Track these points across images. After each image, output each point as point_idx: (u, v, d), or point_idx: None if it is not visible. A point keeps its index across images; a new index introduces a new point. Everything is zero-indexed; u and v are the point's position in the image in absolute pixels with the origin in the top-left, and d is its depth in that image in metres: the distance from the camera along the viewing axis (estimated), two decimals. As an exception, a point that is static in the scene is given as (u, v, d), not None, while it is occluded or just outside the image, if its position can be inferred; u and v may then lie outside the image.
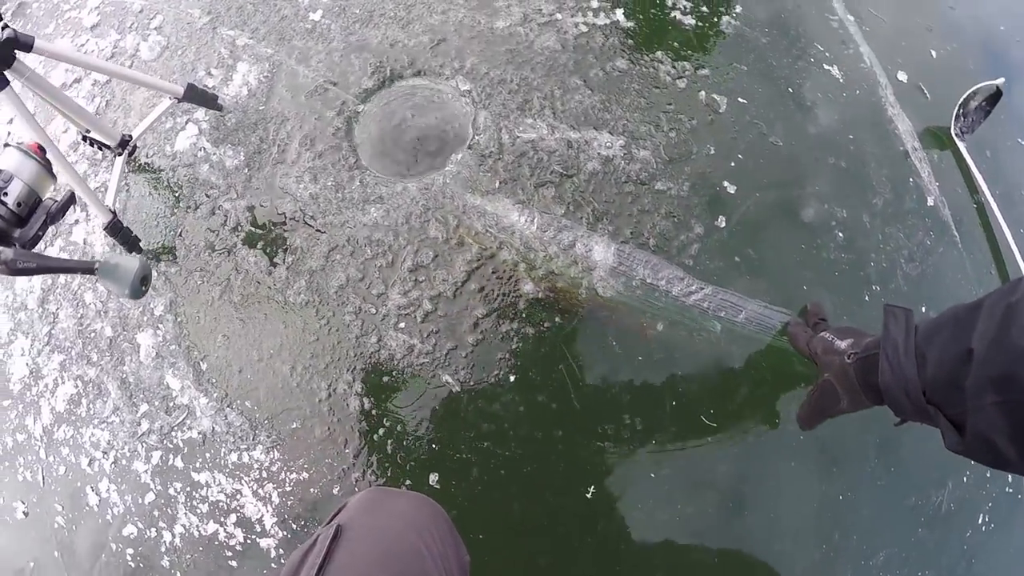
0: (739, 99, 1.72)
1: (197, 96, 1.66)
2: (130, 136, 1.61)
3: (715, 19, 1.84)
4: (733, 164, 1.64)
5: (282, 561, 1.43)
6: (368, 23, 1.87)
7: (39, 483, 1.62)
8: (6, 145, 0.59)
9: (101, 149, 1.75)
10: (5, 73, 1.24)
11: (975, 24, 2.03)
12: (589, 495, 1.39)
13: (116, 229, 1.56)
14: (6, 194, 0.57)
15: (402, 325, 1.51)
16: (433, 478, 1.42)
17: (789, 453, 1.44)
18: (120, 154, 1.60)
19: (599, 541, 1.39)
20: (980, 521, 1.52)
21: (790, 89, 1.76)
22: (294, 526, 1.45)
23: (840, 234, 1.60)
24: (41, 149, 0.64)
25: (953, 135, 1.76)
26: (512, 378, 1.46)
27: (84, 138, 1.71)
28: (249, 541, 1.46)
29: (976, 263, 1.68)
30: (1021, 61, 2.03)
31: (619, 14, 1.83)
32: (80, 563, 1.56)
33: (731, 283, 1.52)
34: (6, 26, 1.20)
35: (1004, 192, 1.75)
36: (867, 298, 1.57)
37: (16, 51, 1.24)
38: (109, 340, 1.64)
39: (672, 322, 1.49)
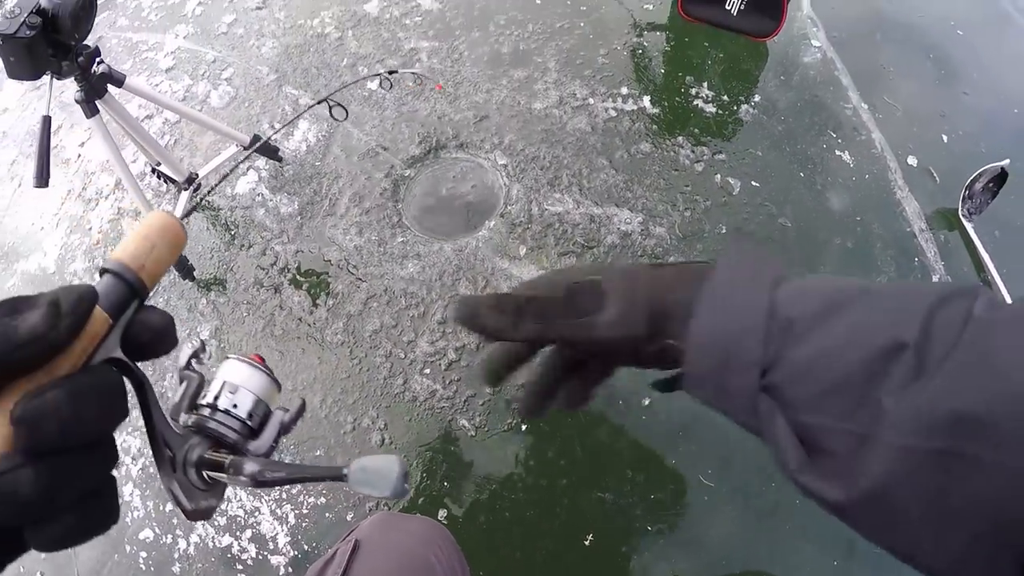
0: (752, 182, 1.90)
1: (261, 146, 1.90)
2: (196, 174, 1.85)
3: (734, 107, 2.04)
4: (743, 242, 1.81)
5: (289, 580, 1.56)
6: (419, 96, 2.12)
7: None
8: (227, 358, 0.61)
9: (166, 183, 2.00)
10: (96, 103, 1.49)
11: (989, 109, 2.17)
12: (587, 543, 1.49)
13: None
14: (235, 406, 0.57)
15: (427, 371, 1.68)
16: (442, 514, 1.55)
17: (785, 518, 1.51)
18: (186, 189, 1.83)
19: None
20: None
21: (802, 174, 1.93)
22: (306, 547, 1.57)
23: None
24: (261, 359, 0.69)
25: (960, 216, 1.89)
26: (524, 427, 1.60)
27: (152, 170, 1.95)
28: (261, 557, 1.58)
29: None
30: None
31: (646, 101, 2.05)
32: (90, 561, 1.67)
33: (735, 352, 1.66)
34: (102, 61, 1.45)
35: (1012, 270, 1.83)
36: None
37: (109, 84, 1.49)
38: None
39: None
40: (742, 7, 2.08)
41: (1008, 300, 1.69)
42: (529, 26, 2.26)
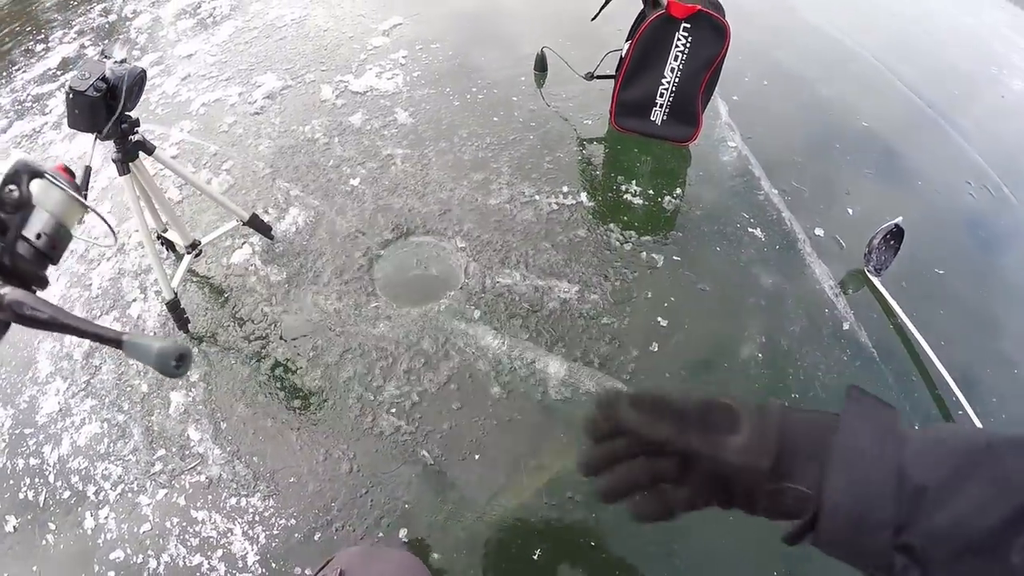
0: (674, 257, 2.36)
1: (257, 224, 2.36)
2: (199, 241, 2.25)
3: (659, 199, 2.55)
4: (666, 304, 2.23)
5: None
6: (393, 192, 2.63)
7: (39, 503, 1.99)
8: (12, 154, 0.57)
9: (168, 249, 2.41)
10: (129, 164, 1.88)
11: (891, 184, 2.68)
12: (536, 557, 1.76)
13: (174, 306, 2.16)
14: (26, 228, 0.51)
15: (393, 411, 2.03)
16: (403, 532, 1.83)
17: (723, 539, 1.77)
18: (189, 253, 2.22)
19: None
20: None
21: (718, 248, 2.39)
22: (273, 565, 1.81)
23: (760, 355, 2.11)
24: (68, 171, 0.70)
25: (866, 271, 2.30)
26: (476, 456, 1.93)
27: (158, 236, 2.34)
28: (229, 575, 1.82)
29: (897, 372, 2.12)
30: (935, 209, 2.66)
31: (583, 196, 2.56)
32: None
33: (663, 395, 2.03)
34: (138, 131, 1.87)
35: (921, 316, 2.21)
36: (787, 404, 2.00)
37: (141, 152, 1.90)
38: (143, 395, 2.15)
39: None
40: (664, 118, 2.66)
41: (920, 338, 2.07)
42: (487, 138, 2.82)
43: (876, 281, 2.31)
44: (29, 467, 2.09)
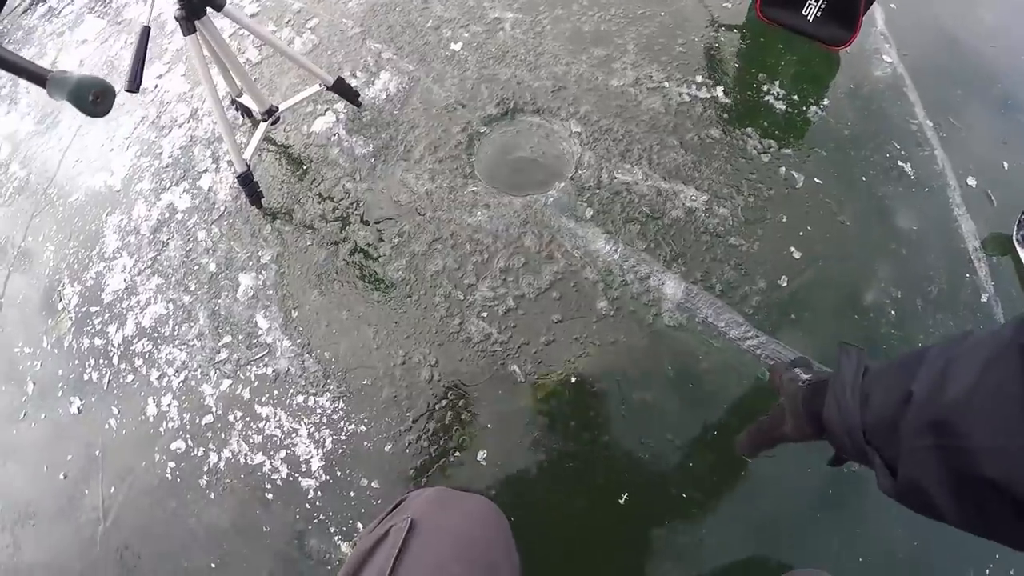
0: (815, 179, 2.04)
1: (343, 89, 2.07)
2: (277, 107, 1.99)
3: (804, 108, 2.20)
4: (801, 233, 1.94)
5: (318, 504, 1.65)
6: (500, 61, 2.29)
7: (103, 386, 1.89)
8: None
9: (244, 115, 2.15)
10: (195, 23, 1.64)
11: None
12: (622, 501, 1.59)
13: (246, 180, 1.92)
14: None
15: (484, 315, 1.81)
16: (481, 455, 1.65)
17: (817, 501, 1.60)
18: (265, 120, 1.97)
19: (622, 547, 1.56)
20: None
21: (863, 178, 2.07)
22: (339, 473, 1.67)
23: (892, 312, 1.84)
24: None
25: (1015, 241, 2.01)
26: (572, 380, 1.72)
27: (232, 102, 2.10)
28: (291, 478, 1.69)
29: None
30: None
31: (719, 91, 2.21)
32: (117, 466, 1.79)
33: (784, 337, 1.77)
34: None
35: None
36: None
37: (208, 7, 1.64)
38: (211, 275, 1.98)
39: (726, 362, 1.74)
40: (818, 14, 2.26)
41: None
42: (612, 9, 2.44)
43: (1022, 254, 2.00)
44: (94, 347, 1.97)
